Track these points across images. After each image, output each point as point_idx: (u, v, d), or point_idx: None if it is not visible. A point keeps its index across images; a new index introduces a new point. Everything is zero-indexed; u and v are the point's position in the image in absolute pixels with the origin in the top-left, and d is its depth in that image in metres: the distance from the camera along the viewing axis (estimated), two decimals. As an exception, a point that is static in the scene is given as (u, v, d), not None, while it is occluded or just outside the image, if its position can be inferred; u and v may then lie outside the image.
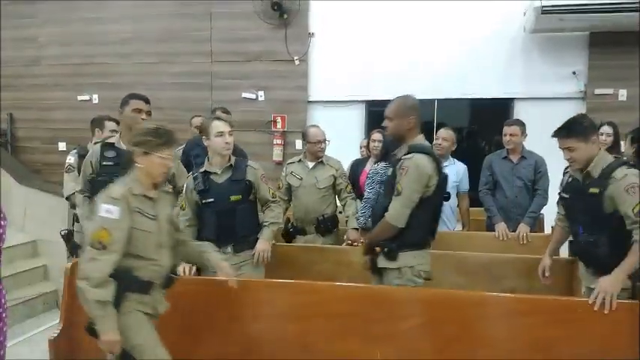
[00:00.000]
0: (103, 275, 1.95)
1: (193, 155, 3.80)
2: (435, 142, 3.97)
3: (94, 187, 2.91)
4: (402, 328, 2.34)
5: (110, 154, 2.94)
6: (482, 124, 5.84)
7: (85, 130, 6.34)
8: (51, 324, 4.00)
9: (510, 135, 3.78)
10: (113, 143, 2.98)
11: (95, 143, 3.06)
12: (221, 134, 2.78)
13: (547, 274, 2.63)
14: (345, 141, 4.74)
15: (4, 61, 6.56)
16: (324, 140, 3.60)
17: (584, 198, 2.37)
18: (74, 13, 6.45)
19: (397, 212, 2.41)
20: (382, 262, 2.52)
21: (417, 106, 2.59)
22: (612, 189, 2.26)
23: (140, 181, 2.10)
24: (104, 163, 2.93)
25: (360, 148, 4.60)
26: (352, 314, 2.38)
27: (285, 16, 5.84)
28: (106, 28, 6.37)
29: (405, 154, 2.47)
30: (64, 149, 6.56)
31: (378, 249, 2.50)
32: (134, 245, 2.04)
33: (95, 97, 6.47)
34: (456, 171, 3.77)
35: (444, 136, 3.90)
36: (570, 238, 2.71)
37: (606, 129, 3.97)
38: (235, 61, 6.13)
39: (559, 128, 2.41)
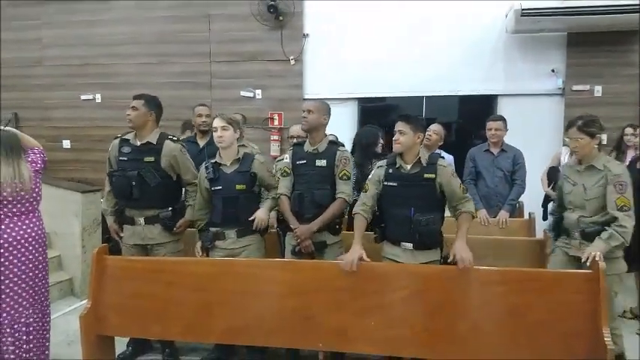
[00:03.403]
0: None
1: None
2: (425, 134, 4.31)
3: (112, 181, 3.21)
4: (392, 299, 2.65)
5: (126, 149, 3.17)
6: (468, 119, 6.16)
7: (88, 128, 6.67)
8: (68, 309, 4.29)
9: (495, 129, 4.12)
10: (129, 140, 3.21)
11: (115, 138, 3.32)
12: (215, 130, 3.09)
13: (366, 259, 2.67)
14: (338, 137, 5.06)
15: (8, 62, 6.82)
16: (298, 136, 3.84)
17: (418, 183, 2.74)
18: (75, 15, 6.67)
19: (350, 192, 3.03)
20: (330, 238, 3.01)
21: (330, 110, 3.18)
22: (441, 174, 2.72)
23: None
24: (121, 158, 3.17)
25: None
26: (349, 288, 2.68)
27: (281, 17, 6.12)
28: (106, 30, 6.61)
29: (338, 148, 3.07)
30: (69, 147, 6.85)
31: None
32: None
33: (98, 97, 6.71)
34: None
35: (435, 130, 4.23)
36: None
37: None
38: (233, 61, 6.40)
39: (402, 114, 2.82)
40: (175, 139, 3.28)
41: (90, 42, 6.68)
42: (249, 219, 3.04)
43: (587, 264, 2.53)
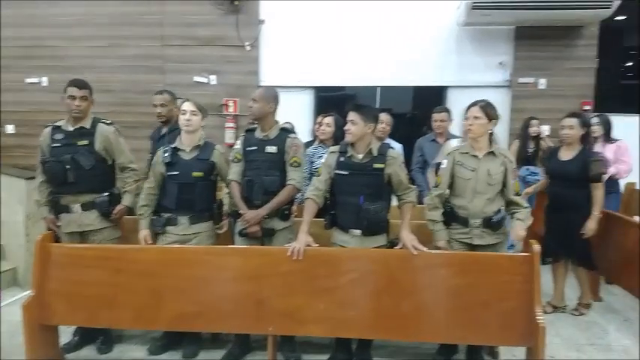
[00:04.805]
0: None
1: (154, 139, 3.99)
2: (379, 125, 4.37)
3: (45, 169, 3.11)
4: (341, 282, 2.73)
5: (58, 136, 3.10)
6: (420, 110, 6.28)
7: (34, 113, 6.39)
8: (11, 300, 4.15)
9: (440, 121, 4.27)
10: (60, 126, 3.13)
11: (46, 126, 3.20)
12: (183, 112, 3.08)
13: (314, 245, 2.76)
14: (295, 125, 5.11)
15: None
16: None
17: (368, 172, 2.80)
18: (21, -6, 6.39)
19: (301, 179, 3.06)
20: (279, 224, 3.03)
21: (278, 97, 3.13)
22: (390, 165, 2.80)
23: None
24: (53, 145, 3.10)
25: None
26: (299, 272, 2.74)
27: (236, 2, 6.05)
28: (56, 11, 6.34)
29: (289, 135, 3.06)
30: (13, 132, 6.56)
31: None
32: None
33: (45, 80, 6.46)
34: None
35: (387, 121, 4.30)
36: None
37: (535, 122, 4.82)
38: (187, 45, 6.28)
39: (355, 104, 2.87)
40: (109, 122, 3.22)
41: (38, 23, 6.39)
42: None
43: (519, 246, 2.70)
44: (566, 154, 3.65)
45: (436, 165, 3.97)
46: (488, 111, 2.90)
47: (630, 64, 6.81)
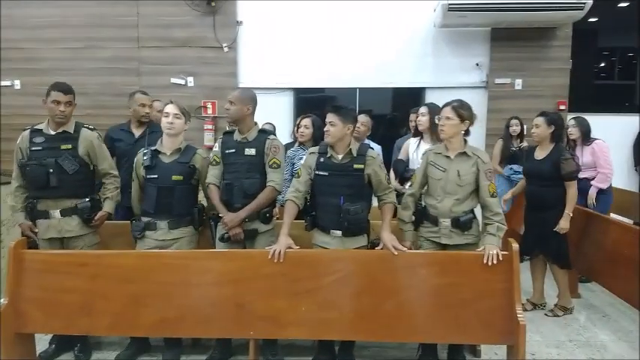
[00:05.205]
0: None
1: (116, 139, 3.92)
2: (356, 125, 4.39)
3: (25, 172, 3.03)
4: (322, 284, 2.72)
5: (38, 139, 3.03)
6: (398, 111, 6.33)
7: (6, 117, 6.23)
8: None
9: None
10: (41, 129, 3.06)
11: (25, 129, 3.14)
12: (166, 115, 3.02)
13: (295, 248, 2.77)
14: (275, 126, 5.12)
15: None
16: None
17: (348, 173, 2.80)
18: (-5, -5, 6.24)
19: (281, 180, 3.02)
20: (261, 226, 3.00)
21: (256, 98, 3.09)
22: (370, 165, 2.81)
23: None
24: (33, 148, 3.01)
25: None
26: (280, 275, 2.72)
27: (213, 3, 6.01)
28: (29, 12, 6.22)
29: (268, 137, 3.03)
30: (-17, 135, 6.40)
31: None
32: None
33: (17, 83, 6.31)
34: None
35: (363, 122, 4.31)
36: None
37: (514, 122, 5.02)
38: (163, 46, 6.21)
39: (333, 106, 2.86)
40: (92, 127, 3.18)
41: (10, 24, 6.24)
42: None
43: (489, 264, 2.63)
44: (540, 154, 3.72)
45: (394, 161, 4.03)
46: (461, 112, 2.85)
47: (603, 64, 6.98)
